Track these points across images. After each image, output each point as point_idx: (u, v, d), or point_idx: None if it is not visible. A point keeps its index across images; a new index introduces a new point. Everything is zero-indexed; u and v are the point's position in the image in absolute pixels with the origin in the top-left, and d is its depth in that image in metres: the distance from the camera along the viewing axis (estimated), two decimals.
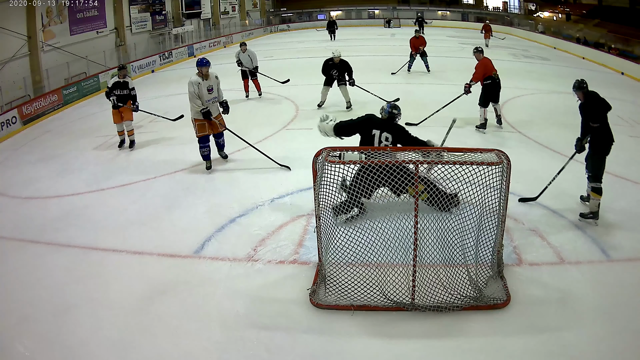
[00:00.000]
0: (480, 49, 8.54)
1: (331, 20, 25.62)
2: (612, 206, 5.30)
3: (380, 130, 4.93)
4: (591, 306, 3.68)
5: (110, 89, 7.69)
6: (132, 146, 7.89)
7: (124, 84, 7.77)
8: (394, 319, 3.61)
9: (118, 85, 7.71)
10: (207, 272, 4.34)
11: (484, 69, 8.40)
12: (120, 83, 7.74)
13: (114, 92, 7.67)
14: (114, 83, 7.71)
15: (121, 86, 7.74)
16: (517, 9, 34.17)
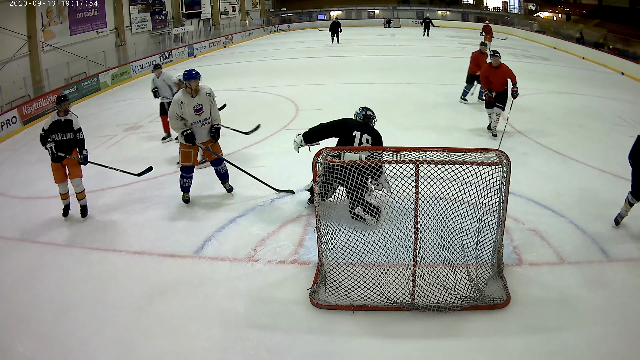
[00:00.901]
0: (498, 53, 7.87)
1: (335, 21, 23.47)
2: (612, 206, 5.30)
3: (360, 132, 4.87)
4: (591, 306, 3.68)
5: (47, 132, 5.27)
6: (85, 214, 5.49)
7: (67, 124, 5.32)
8: (394, 319, 3.61)
9: (58, 126, 5.28)
10: (207, 272, 4.34)
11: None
12: (61, 123, 5.29)
13: (52, 136, 5.26)
14: (51, 123, 5.27)
15: (62, 127, 5.31)
16: (517, 9, 34.17)
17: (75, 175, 5.41)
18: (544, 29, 26.43)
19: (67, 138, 5.33)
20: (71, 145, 5.37)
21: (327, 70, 14.81)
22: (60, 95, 5.37)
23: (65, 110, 5.32)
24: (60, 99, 5.30)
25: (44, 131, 5.26)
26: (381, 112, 9.37)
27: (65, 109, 5.32)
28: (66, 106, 5.34)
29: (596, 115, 9.14)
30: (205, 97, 5.42)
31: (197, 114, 5.40)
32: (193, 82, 5.30)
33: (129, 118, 10.24)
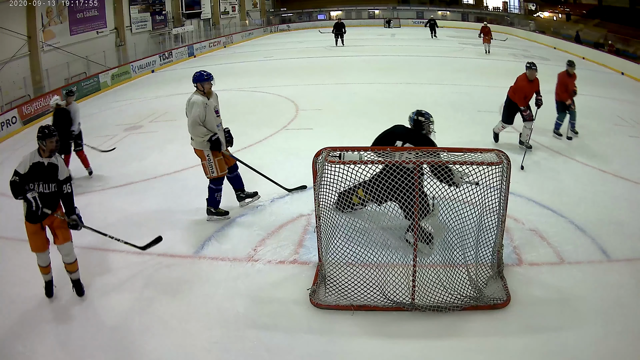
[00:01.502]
0: (535, 65, 7.06)
1: (338, 22, 22.06)
2: (612, 206, 5.30)
3: (402, 142, 4.43)
4: (591, 306, 3.68)
5: (24, 177, 3.78)
6: (82, 293, 4.06)
7: (50, 170, 3.85)
8: (394, 319, 3.61)
9: (39, 171, 3.80)
10: (207, 272, 4.34)
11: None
12: (44, 167, 3.81)
13: (32, 185, 3.80)
14: (31, 166, 3.78)
15: (44, 174, 3.84)
16: (517, 9, 34.17)
17: (65, 239, 3.93)
18: (543, 29, 26.42)
19: (50, 190, 3.85)
20: (55, 199, 3.91)
21: (327, 70, 14.81)
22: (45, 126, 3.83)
23: (51, 150, 3.80)
24: (46, 134, 3.75)
25: (18, 176, 3.73)
26: (381, 112, 9.47)
27: (51, 149, 3.79)
28: (53, 145, 3.79)
29: (596, 115, 9.13)
30: (217, 98, 5.11)
31: (217, 117, 5.04)
32: (207, 84, 4.93)
33: (129, 118, 10.24)
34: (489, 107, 9.65)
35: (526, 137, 7.15)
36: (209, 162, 5.10)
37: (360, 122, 8.81)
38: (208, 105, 4.92)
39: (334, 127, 8.49)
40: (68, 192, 4.01)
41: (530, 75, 6.99)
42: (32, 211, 3.82)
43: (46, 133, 3.80)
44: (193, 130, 4.93)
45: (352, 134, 8.02)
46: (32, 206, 3.79)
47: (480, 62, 16.00)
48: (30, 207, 3.81)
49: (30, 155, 3.86)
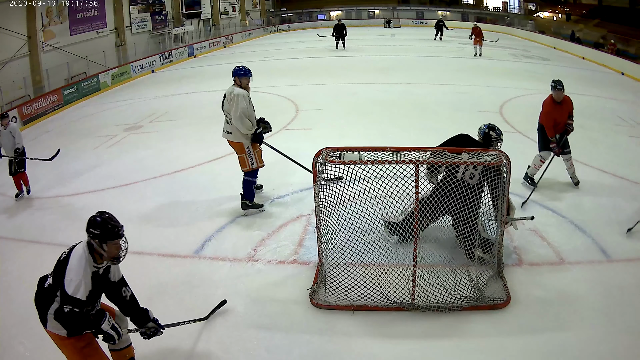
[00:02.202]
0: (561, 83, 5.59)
1: (339, 24, 20.69)
2: (612, 206, 5.30)
3: (469, 154, 3.97)
4: (591, 306, 3.68)
5: (88, 300, 2.62)
6: None
7: (105, 276, 2.83)
8: (394, 319, 3.61)
9: (99, 283, 2.74)
10: (207, 272, 4.34)
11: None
12: (100, 277, 2.75)
13: (92, 304, 2.71)
14: (92, 278, 2.65)
15: (103, 285, 2.83)
16: (517, 9, 34.17)
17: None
18: (543, 29, 26.42)
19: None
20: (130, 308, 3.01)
21: (327, 70, 14.81)
22: (109, 218, 2.67)
23: (113, 258, 2.72)
24: (113, 232, 2.63)
25: (78, 305, 2.55)
26: (381, 112, 9.47)
27: (114, 256, 2.71)
28: (119, 249, 2.70)
29: (596, 115, 9.14)
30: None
31: (254, 110, 5.20)
32: (245, 79, 5.08)
33: (129, 118, 10.24)
34: (489, 107, 9.66)
35: (572, 171, 5.80)
36: (249, 155, 5.14)
37: (360, 122, 8.82)
38: (250, 99, 5.07)
39: (334, 127, 8.49)
40: (131, 294, 3.00)
41: (557, 96, 5.55)
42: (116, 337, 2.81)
43: (113, 231, 2.62)
44: (240, 122, 4.94)
45: (352, 134, 8.02)
46: (115, 337, 2.79)
47: (481, 62, 16.00)
48: (111, 340, 2.80)
49: (82, 265, 2.59)
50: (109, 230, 2.62)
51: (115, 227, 2.65)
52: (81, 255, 2.62)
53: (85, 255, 2.63)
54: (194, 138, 8.27)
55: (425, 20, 34.38)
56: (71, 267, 2.58)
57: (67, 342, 2.70)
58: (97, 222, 2.63)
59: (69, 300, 2.53)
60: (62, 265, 2.61)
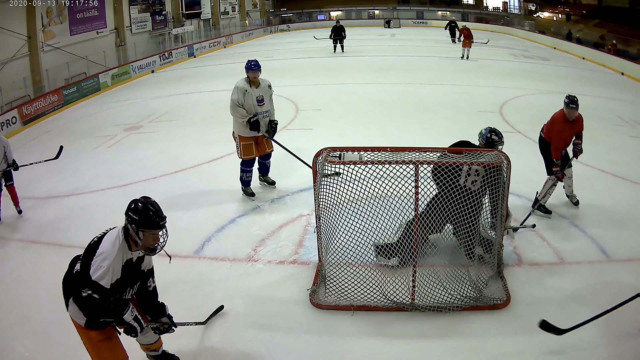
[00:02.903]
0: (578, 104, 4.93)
1: (337, 25, 19.41)
2: (612, 206, 5.30)
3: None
4: (591, 306, 3.68)
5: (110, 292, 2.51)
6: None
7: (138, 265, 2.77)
8: (394, 319, 3.61)
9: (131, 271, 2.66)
10: (207, 272, 4.34)
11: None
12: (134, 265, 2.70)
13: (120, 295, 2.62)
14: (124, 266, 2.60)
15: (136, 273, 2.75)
16: (517, 9, 34.17)
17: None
18: (543, 29, 26.42)
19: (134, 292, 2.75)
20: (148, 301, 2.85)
21: (327, 70, 14.82)
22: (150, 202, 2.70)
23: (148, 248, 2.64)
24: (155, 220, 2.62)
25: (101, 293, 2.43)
26: (381, 112, 9.47)
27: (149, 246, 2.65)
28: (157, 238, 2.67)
29: (596, 115, 9.13)
30: (267, 89, 5.42)
31: (259, 105, 5.37)
32: (251, 73, 5.28)
33: (129, 118, 10.24)
34: (489, 107, 9.67)
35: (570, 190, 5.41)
36: (236, 145, 5.54)
37: (360, 122, 8.82)
38: (248, 92, 5.28)
39: (334, 127, 8.48)
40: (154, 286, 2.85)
41: (570, 115, 4.95)
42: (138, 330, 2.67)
43: (153, 219, 2.53)
44: (232, 112, 5.36)
45: (352, 134, 8.02)
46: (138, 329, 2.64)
47: (481, 62, 16.00)
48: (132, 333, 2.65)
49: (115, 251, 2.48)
50: (150, 218, 2.47)
51: (157, 215, 2.51)
52: (115, 240, 2.49)
53: (120, 241, 2.50)
54: (194, 138, 8.27)
55: (425, 21, 34.38)
56: (102, 250, 2.44)
57: (85, 332, 2.60)
58: (138, 206, 2.52)
59: (90, 284, 2.38)
60: (93, 248, 2.46)
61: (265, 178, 5.98)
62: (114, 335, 2.69)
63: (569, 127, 5.01)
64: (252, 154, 5.52)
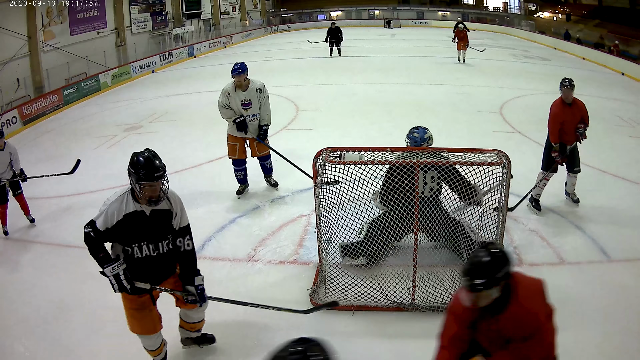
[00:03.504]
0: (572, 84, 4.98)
1: (333, 27, 17.81)
2: (612, 206, 5.30)
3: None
4: (591, 306, 3.68)
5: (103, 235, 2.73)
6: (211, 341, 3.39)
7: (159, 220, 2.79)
8: (394, 319, 3.61)
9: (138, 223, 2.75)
10: (207, 272, 4.31)
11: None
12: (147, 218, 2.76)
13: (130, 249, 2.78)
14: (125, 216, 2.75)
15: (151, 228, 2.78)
16: (517, 9, 34.18)
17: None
18: (543, 29, 26.43)
19: (162, 251, 2.76)
20: (165, 263, 2.85)
21: (327, 71, 14.82)
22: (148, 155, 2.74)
23: (150, 198, 2.66)
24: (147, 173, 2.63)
25: (94, 230, 2.66)
26: (381, 112, 9.47)
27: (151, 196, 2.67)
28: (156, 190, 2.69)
29: (596, 115, 9.12)
30: (254, 92, 5.38)
31: (245, 108, 5.36)
32: (235, 77, 5.30)
33: (129, 118, 10.24)
34: (489, 107, 9.67)
35: (572, 189, 5.32)
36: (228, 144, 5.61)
37: (360, 122, 8.82)
38: (231, 95, 5.34)
39: (334, 127, 8.48)
40: (188, 248, 2.84)
41: (566, 96, 4.91)
42: (127, 287, 2.70)
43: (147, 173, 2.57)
44: (220, 113, 5.47)
45: (352, 134, 8.02)
46: (114, 287, 2.71)
47: (481, 62, 16.00)
48: (113, 287, 2.72)
49: (115, 199, 2.69)
50: (142, 171, 2.58)
51: (150, 170, 2.58)
52: (120, 191, 2.73)
53: (124, 192, 2.71)
54: (193, 138, 8.27)
55: (425, 21, 34.39)
56: (107, 197, 2.74)
57: (122, 295, 2.81)
58: (134, 160, 2.64)
59: (90, 222, 2.66)
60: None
61: (267, 179, 6.00)
62: (146, 307, 2.81)
63: (567, 111, 4.93)
64: (235, 155, 5.58)
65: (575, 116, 4.94)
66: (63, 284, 4.25)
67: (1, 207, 5.22)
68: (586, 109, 5.04)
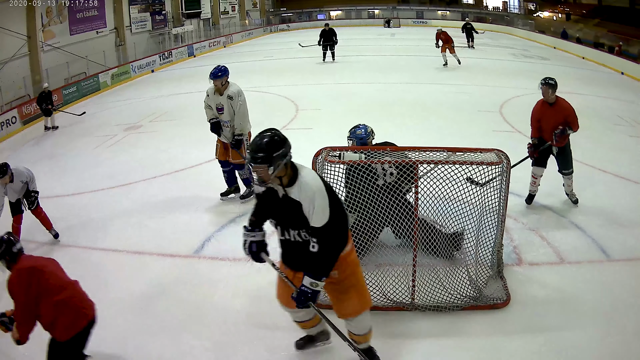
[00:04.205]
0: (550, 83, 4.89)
1: (327, 29, 16.15)
2: (612, 206, 5.29)
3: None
4: (591, 306, 3.68)
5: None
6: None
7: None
8: (394, 319, 3.61)
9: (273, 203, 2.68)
10: (207, 272, 4.34)
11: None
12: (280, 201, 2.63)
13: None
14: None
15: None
16: (517, 9, 34.18)
17: (352, 307, 2.80)
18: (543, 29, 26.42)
19: (291, 239, 2.68)
20: (296, 252, 2.72)
21: (327, 70, 14.81)
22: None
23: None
24: (254, 154, 2.56)
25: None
26: (381, 112, 9.46)
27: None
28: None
29: (596, 115, 9.13)
30: (225, 99, 5.19)
31: (219, 113, 5.29)
32: (212, 80, 5.18)
33: (128, 118, 10.24)
34: (489, 107, 9.66)
35: (570, 189, 5.27)
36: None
37: (360, 121, 8.77)
38: (209, 97, 5.29)
39: (333, 127, 8.46)
40: (313, 250, 2.56)
41: (545, 94, 4.89)
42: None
43: (250, 154, 2.56)
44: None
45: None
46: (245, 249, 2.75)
47: (481, 62, 16.00)
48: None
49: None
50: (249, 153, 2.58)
51: (252, 150, 2.57)
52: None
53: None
54: (193, 138, 8.26)
55: (425, 20, 34.38)
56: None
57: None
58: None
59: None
60: None
61: (228, 188, 5.69)
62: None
63: (546, 111, 4.94)
64: (216, 154, 5.59)
65: (554, 117, 4.88)
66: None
67: (15, 220, 4.91)
68: (572, 112, 4.89)
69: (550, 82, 4.85)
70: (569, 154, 5.07)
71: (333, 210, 2.51)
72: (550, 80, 4.88)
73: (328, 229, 2.50)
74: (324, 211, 2.49)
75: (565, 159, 5.07)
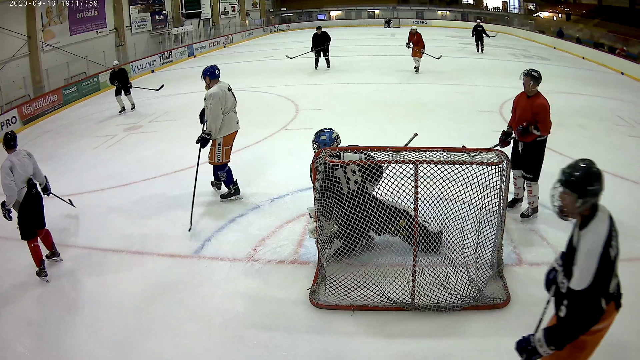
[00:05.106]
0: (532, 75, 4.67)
1: (319, 33, 14.38)
2: (612, 206, 5.28)
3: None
4: None
5: None
6: None
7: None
8: (394, 319, 3.61)
9: None
10: (207, 272, 4.34)
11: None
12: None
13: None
14: None
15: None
16: (517, 9, 34.18)
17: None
18: (543, 29, 26.42)
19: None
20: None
21: (327, 71, 14.80)
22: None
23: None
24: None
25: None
26: (381, 112, 9.47)
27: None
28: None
29: (596, 115, 9.14)
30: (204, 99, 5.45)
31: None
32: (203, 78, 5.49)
33: (128, 118, 10.24)
34: (489, 107, 9.66)
35: (529, 201, 5.01)
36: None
37: (360, 122, 8.81)
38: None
39: (333, 127, 8.46)
40: (560, 314, 2.41)
41: (525, 86, 4.71)
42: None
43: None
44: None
45: (352, 134, 8.00)
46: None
47: (481, 62, 16.01)
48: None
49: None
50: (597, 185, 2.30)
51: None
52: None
53: None
54: (193, 138, 8.24)
55: (425, 20, 34.40)
56: None
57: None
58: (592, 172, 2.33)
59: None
60: None
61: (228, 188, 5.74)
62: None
63: (521, 102, 4.75)
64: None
65: (526, 111, 4.66)
66: (63, 284, 4.25)
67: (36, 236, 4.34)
68: (543, 110, 4.60)
69: (532, 74, 4.65)
70: (537, 159, 4.77)
71: (598, 276, 2.23)
72: (534, 72, 4.67)
73: (585, 296, 2.21)
74: (588, 273, 2.21)
75: (530, 161, 4.77)
